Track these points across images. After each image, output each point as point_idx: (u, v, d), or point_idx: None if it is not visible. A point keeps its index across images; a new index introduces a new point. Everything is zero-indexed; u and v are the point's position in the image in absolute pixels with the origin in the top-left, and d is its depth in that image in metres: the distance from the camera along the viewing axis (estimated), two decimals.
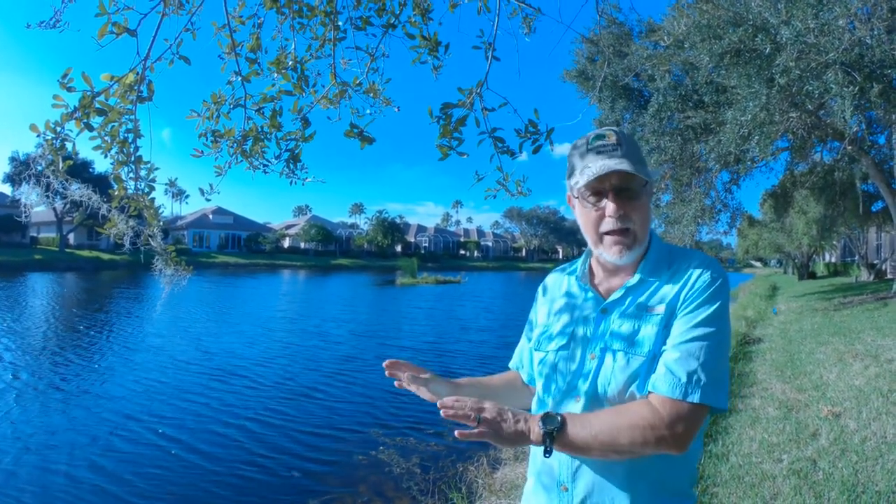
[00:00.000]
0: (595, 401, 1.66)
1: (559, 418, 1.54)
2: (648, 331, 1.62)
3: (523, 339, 2.12)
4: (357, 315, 24.81)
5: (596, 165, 1.65)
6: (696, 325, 1.57)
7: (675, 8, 12.07)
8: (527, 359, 2.06)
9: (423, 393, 1.92)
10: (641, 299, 1.69)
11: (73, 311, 22.16)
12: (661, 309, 1.64)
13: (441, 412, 1.56)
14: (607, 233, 1.69)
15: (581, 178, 1.68)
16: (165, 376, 11.98)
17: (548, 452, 1.53)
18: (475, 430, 1.53)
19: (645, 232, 1.73)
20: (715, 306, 1.60)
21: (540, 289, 2.06)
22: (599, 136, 1.71)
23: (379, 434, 8.49)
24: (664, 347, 1.59)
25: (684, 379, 1.51)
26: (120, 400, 10.12)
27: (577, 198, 1.76)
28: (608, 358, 1.66)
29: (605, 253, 1.72)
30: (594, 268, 1.87)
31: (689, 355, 1.54)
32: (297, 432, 8.68)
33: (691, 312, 1.59)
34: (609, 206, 1.67)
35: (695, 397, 1.50)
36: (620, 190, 1.67)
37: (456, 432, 1.53)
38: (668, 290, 1.66)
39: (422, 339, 18.08)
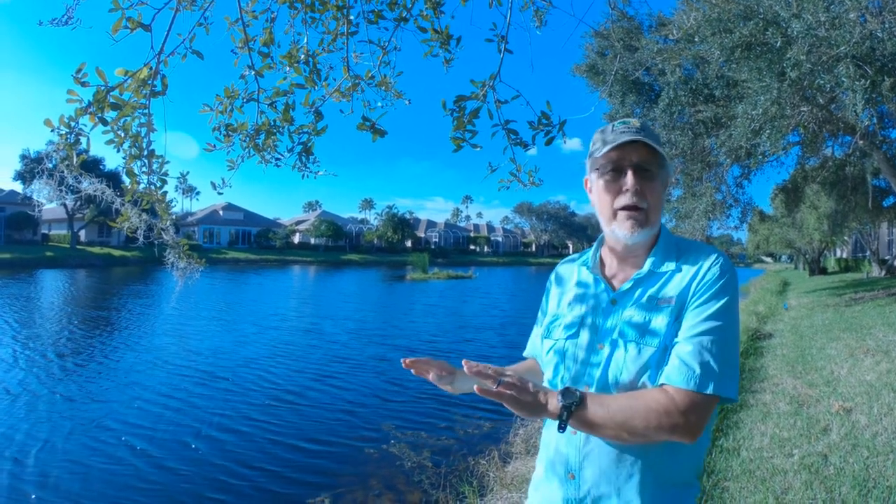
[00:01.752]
0: (605, 390, 1.67)
1: (578, 394, 1.56)
2: (659, 322, 1.65)
3: (536, 328, 2.14)
4: (369, 311, 24.84)
5: (620, 137, 1.70)
6: (708, 318, 1.60)
7: (685, 2, 12.04)
8: (539, 347, 2.08)
9: (447, 388, 1.99)
10: (652, 291, 1.71)
11: (77, 310, 22.12)
12: (671, 300, 1.67)
13: (465, 368, 1.61)
14: (622, 208, 1.73)
15: (604, 148, 1.72)
16: (171, 371, 12.05)
17: (562, 428, 1.55)
18: (495, 389, 1.55)
19: (657, 216, 1.76)
20: (725, 299, 1.63)
21: (552, 277, 2.09)
22: (625, 121, 1.76)
23: (390, 428, 8.51)
24: (676, 339, 1.62)
25: (698, 371, 1.54)
26: (135, 396, 10.19)
27: (598, 170, 1.79)
28: (619, 348, 1.68)
29: (618, 229, 1.74)
30: (605, 258, 1.90)
31: (701, 348, 1.56)
32: (308, 427, 8.71)
33: (702, 305, 1.62)
34: (628, 180, 1.71)
35: (709, 388, 1.53)
36: (640, 168, 1.71)
37: (475, 387, 1.55)
38: (678, 282, 1.69)
39: (440, 336, 18.07)
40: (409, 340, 16.95)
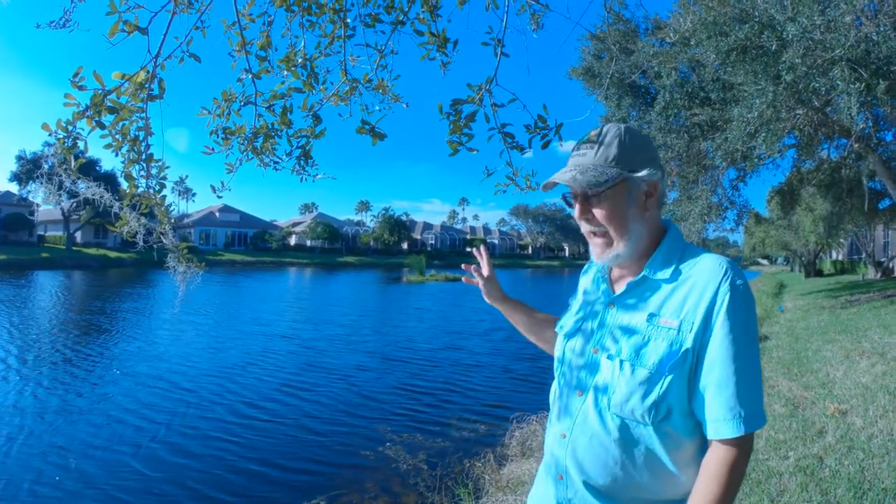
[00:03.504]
0: (597, 401, 1.67)
1: None
2: (658, 345, 1.60)
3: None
4: (367, 314, 24.84)
5: (555, 175, 1.73)
6: (734, 355, 1.54)
7: (681, 5, 12.07)
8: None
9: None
10: (649, 304, 1.67)
11: (61, 314, 21.72)
12: (672, 322, 1.60)
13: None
14: (587, 233, 1.76)
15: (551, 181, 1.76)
16: (163, 370, 12.03)
17: None
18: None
19: (624, 231, 1.70)
20: (746, 324, 1.58)
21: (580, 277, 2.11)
22: (584, 137, 1.74)
23: (386, 431, 8.51)
24: (701, 379, 1.57)
25: (745, 413, 1.52)
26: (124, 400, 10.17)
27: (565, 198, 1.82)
28: (615, 363, 1.65)
29: (591, 252, 1.79)
30: None
31: (736, 389, 1.53)
32: (304, 429, 8.71)
33: (726, 342, 1.55)
34: (576, 212, 1.74)
35: (753, 425, 1.54)
36: (585, 196, 1.71)
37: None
38: (680, 301, 1.62)
39: (429, 342, 18.09)
40: (421, 342, 16.95)
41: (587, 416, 1.67)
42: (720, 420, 1.53)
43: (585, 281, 2.01)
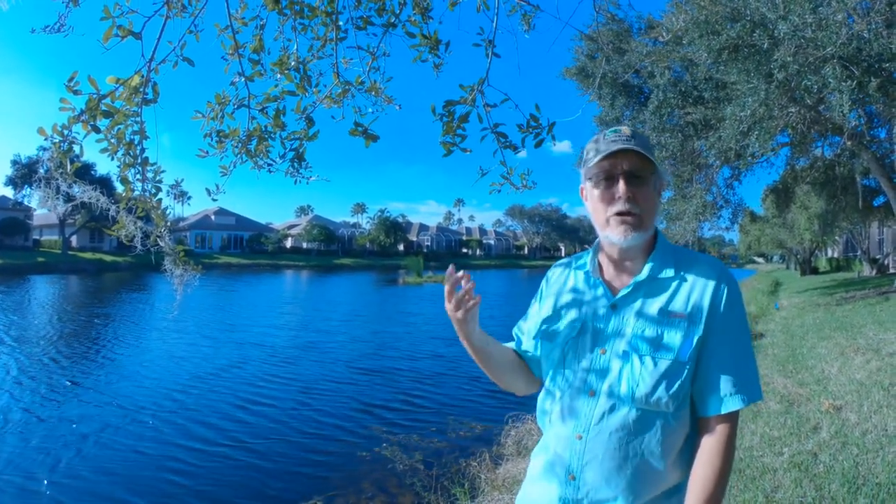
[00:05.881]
0: (615, 398, 1.71)
1: None
2: (673, 336, 1.71)
3: (523, 323, 2.11)
4: (365, 316, 24.82)
5: (610, 147, 1.73)
6: (735, 339, 1.74)
7: (673, 4, 12.11)
8: (524, 343, 2.08)
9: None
10: (657, 301, 1.75)
11: (43, 319, 21.50)
12: (682, 315, 1.73)
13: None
14: (615, 214, 1.75)
15: (595, 158, 1.75)
16: (163, 373, 12.02)
17: None
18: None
19: (651, 220, 1.78)
20: (742, 313, 1.78)
21: (544, 281, 2.08)
22: (615, 130, 1.78)
23: (382, 431, 8.53)
24: (707, 361, 1.72)
25: (746, 386, 1.70)
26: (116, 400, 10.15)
27: (591, 179, 1.81)
28: (633, 360, 1.71)
29: (612, 234, 1.76)
30: (602, 262, 1.90)
31: (739, 367, 1.71)
32: (301, 430, 8.72)
33: (728, 328, 1.73)
34: (620, 187, 1.73)
35: (755, 397, 1.72)
36: (631, 175, 1.74)
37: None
38: (686, 295, 1.75)
39: (412, 347, 18.09)
40: (394, 349, 16.95)
41: (604, 414, 1.72)
42: (727, 396, 1.68)
43: (562, 284, 1.99)
